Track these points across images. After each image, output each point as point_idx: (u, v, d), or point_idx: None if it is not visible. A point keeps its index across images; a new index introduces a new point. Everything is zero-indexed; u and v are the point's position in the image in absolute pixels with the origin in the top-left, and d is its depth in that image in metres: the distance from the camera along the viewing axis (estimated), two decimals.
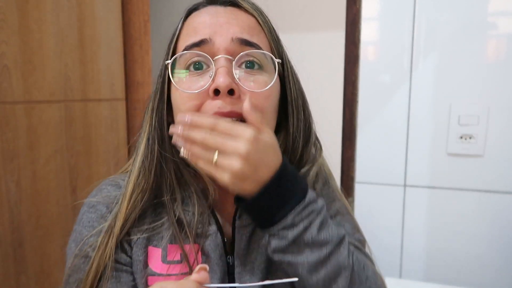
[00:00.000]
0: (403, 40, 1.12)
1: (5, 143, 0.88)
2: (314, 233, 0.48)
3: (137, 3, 1.25)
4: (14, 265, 0.91)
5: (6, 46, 0.87)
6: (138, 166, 0.54)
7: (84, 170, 1.11)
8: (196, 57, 0.52)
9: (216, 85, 0.48)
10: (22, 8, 0.91)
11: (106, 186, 0.59)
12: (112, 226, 0.53)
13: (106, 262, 0.52)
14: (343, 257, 0.50)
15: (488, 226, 1.09)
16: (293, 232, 0.48)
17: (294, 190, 0.49)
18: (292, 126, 0.57)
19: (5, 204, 0.89)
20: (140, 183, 0.54)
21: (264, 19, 0.56)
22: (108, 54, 1.19)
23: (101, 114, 1.17)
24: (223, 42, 0.51)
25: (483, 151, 1.08)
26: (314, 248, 0.48)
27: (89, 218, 0.56)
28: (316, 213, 0.49)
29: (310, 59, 1.28)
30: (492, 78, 1.05)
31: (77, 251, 0.55)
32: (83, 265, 0.54)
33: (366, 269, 0.54)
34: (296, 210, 0.48)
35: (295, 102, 0.57)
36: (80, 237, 0.55)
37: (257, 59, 0.52)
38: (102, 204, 0.56)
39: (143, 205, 0.54)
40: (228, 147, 0.45)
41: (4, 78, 0.88)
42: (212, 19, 0.53)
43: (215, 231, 0.55)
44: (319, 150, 0.62)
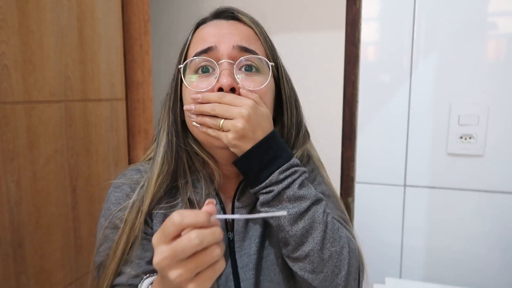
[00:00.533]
0: (403, 40, 1.12)
1: (5, 143, 0.88)
2: (295, 189, 0.59)
3: (137, 3, 1.25)
4: (14, 265, 0.91)
5: (6, 46, 0.87)
6: (161, 155, 0.65)
7: (84, 170, 1.11)
8: (203, 62, 0.62)
9: (220, 84, 0.60)
10: (22, 8, 0.91)
11: (129, 171, 0.71)
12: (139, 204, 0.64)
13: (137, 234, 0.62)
14: (318, 214, 0.59)
15: (488, 226, 1.09)
16: (278, 187, 0.58)
17: (281, 152, 0.60)
18: (287, 120, 0.69)
19: (5, 204, 0.89)
20: (164, 169, 0.64)
21: (260, 30, 0.67)
22: (108, 54, 1.19)
23: (101, 114, 1.17)
24: (226, 49, 0.62)
25: (483, 151, 1.08)
26: (294, 202, 0.59)
27: (116, 197, 0.67)
28: (299, 173, 0.60)
29: (310, 59, 1.28)
30: (492, 78, 1.05)
31: (106, 224, 0.65)
32: (111, 235, 0.64)
33: (340, 231, 0.62)
34: (281, 168, 0.59)
35: (288, 100, 0.69)
36: (109, 212, 0.66)
37: (254, 63, 0.63)
38: (127, 185, 0.68)
39: (166, 187, 0.65)
40: (233, 111, 0.57)
41: (4, 78, 0.88)
42: (217, 30, 0.64)
43: (219, 210, 0.66)
44: (307, 138, 0.73)
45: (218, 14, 0.68)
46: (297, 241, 0.59)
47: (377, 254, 1.20)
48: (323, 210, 0.60)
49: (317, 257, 0.58)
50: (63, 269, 1.05)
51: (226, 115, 0.58)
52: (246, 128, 0.57)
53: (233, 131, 0.57)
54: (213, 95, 0.59)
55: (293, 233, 0.58)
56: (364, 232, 1.20)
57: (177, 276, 0.43)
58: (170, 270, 0.44)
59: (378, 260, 1.20)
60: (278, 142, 0.60)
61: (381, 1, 1.13)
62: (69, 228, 1.07)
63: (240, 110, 0.57)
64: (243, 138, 0.57)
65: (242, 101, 0.58)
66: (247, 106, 0.57)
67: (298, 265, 0.60)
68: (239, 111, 0.57)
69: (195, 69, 0.63)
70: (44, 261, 0.99)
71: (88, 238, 1.14)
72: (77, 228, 1.10)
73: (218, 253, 0.45)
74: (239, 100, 0.58)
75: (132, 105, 1.30)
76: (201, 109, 0.60)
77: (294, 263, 0.61)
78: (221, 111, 0.58)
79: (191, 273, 0.44)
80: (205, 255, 0.44)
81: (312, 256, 0.58)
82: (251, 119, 0.57)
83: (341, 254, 0.60)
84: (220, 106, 0.58)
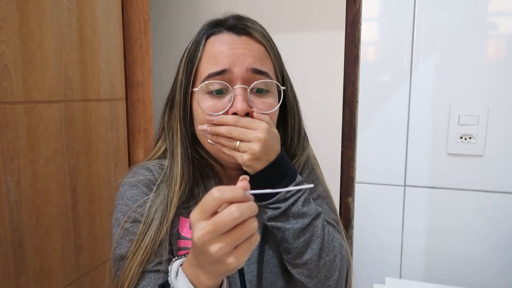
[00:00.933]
0: (403, 40, 1.12)
1: (5, 143, 0.88)
2: (299, 206, 0.64)
3: (137, 3, 1.25)
4: (14, 265, 0.91)
5: (6, 46, 0.87)
6: (180, 165, 0.69)
7: (84, 170, 1.11)
8: (217, 85, 0.65)
9: (235, 109, 0.64)
10: (22, 8, 0.91)
11: (140, 170, 0.73)
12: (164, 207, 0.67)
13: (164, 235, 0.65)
14: (318, 228, 0.65)
15: (488, 226, 1.09)
16: (284, 204, 0.63)
17: (288, 172, 0.65)
18: (290, 128, 0.74)
19: (5, 204, 0.89)
20: (184, 178, 0.69)
21: (271, 45, 0.70)
22: (108, 54, 1.19)
23: (101, 114, 1.17)
24: (240, 71, 0.65)
25: (483, 151, 1.08)
26: (298, 218, 0.64)
27: (132, 194, 0.70)
28: (303, 191, 0.65)
29: (310, 59, 1.28)
30: (492, 78, 1.05)
31: (126, 218, 0.68)
32: (132, 228, 0.67)
33: (335, 241, 0.69)
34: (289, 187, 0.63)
35: (292, 109, 0.74)
36: (127, 208, 0.68)
37: (266, 85, 0.67)
38: (142, 184, 0.71)
39: (188, 193, 0.69)
40: (250, 135, 0.62)
41: (4, 78, 0.88)
42: (230, 50, 0.66)
43: None
44: (306, 142, 0.78)
45: (230, 27, 0.68)
46: (298, 251, 0.65)
47: (377, 254, 1.20)
48: (322, 224, 0.67)
49: (314, 265, 0.65)
50: (63, 269, 1.05)
51: (242, 138, 0.62)
52: (262, 151, 0.61)
53: (250, 153, 0.61)
54: (229, 118, 0.63)
55: (295, 246, 0.65)
56: (364, 232, 1.20)
57: (218, 250, 0.46)
58: (211, 244, 0.46)
59: (378, 260, 1.20)
60: (286, 161, 0.66)
61: (381, 1, 1.13)
62: (69, 228, 1.07)
63: (257, 134, 0.61)
64: (257, 160, 0.62)
65: (257, 124, 0.63)
66: (263, 130, 0.62)
67: (296, 270, 0.67)
68: (256, 135, 0.61)
69: (207, 89, 0.66)
70: (44, 261, 0.99)
71: (88, 238, 1.14)
72: (77, 228, 1.10)
73: (255, 226, 0.47)
74: (255, 124, 0.63)
75: (132, 105, 1.30)
76: (217, 130, 0.64)
77: (293, 268, 0.67)
78: (238, 134, 0.62)
79: (231, 246, 0.46)
80: (243, 228, 0.46)
81: (309, 264, 0.65)
82: (266, 142, 0.62)
83: (334, 261, 0.67)
84: (236, 130, 0.62)
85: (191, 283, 0.52)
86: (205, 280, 0.51)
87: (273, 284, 0.71)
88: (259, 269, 0.70)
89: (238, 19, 0.69)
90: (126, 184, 0.72)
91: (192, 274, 0.53)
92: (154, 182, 0.71)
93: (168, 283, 0.55)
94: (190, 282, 0.52)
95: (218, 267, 0.48)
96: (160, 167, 0.73)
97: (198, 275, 0.52)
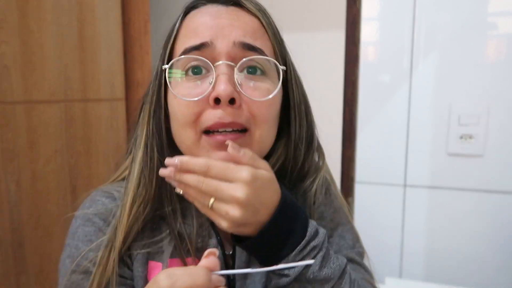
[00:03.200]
0: (403, 40, 1.12)
1: (5, 143, 0.88)
2: (316, 270, 0.46)
3: (137, 3, 1.25)
4: (14, 265, 0.91)
5: (6, 46, 0.87)
6: (136, 175, 0.51)
7: (84, 170, 1.11)
8: (195, 62, 0.49)
9: (217, 94, 0.46)
10: (22, 8, 0.91)
11: (100, 198, 0.56)
12: (112, 239, 0.51)
13: (109, 277, 0.49)
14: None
15: (488, 226, 1.09)
16: (294, 272, 0.45)
17: (294, 228, 0.46)
18: (294, 132, 0.55)
19: (5, 204, 0.89)
20: (141, 193, 0.51)
21: (268, 20, 0.53)
22: (108, 54, 1.19)
23: (101, 114, 1.17)
24: (225, 46, 0.48)
25: (483, 151, 1.08)
26: (316, 285, 0.46)
27: (85, 232, 0.53)
28: (318, 249, 0.47)
29: (310, 59, 1.28)
30: (492, 78, 1.05)
31: (74, 267, 0.51)
32: (82, 281, 0.51)
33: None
34: (297, 249, 0.45)
35: (297, 107, 0.55)
36: (77, 252, 0.52)
37: (260, 65, 0.50)
38: (99, 217, 0.54)
39: (145, 217, 0.51)
40: (225, 193, 0.42)
41: (4, 78, 0.88)
42: (214, 20, 0.49)
43: (215, 244, 0.53)
44: (322, 159, 0.59)
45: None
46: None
47: (377, 254, 1.20)
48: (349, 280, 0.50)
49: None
50: None
51: (216, 195, 0.43)
52: (245, 216, 0.42)
53: (228, 220, 0.43)
54: (197, 164, 0.43)
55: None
56: (364, 232, 1.20)
57: None
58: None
59: (378, 260, 1.20)
60: (289, 213, 0.46)
61: (381, 1, 1.13)
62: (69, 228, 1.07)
63: (234, 192, 0.42)
64: (242, 226, 0.44)
65: (235, 174, 0.42)
66: (242, 185, 0.42)
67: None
68: (233, 194, 0.42)
69: (183, 68, 0.49)
70: (44, 261, 0.99)
71: None
72: None
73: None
74: (232, 173, 0.42)
75: (132, 105, 1.30)
76: (183, 179, 0.43)
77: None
78: (209, 189, 0.43)
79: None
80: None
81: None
82: (250, 203, 0.42)
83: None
84: (207, 183, 0.43)
85: None
86: None
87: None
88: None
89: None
90: (80, 218, 0.55)
91: None
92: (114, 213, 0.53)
93: None
94: None
95: None
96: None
97: None
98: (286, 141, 0.55)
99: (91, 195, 0.57)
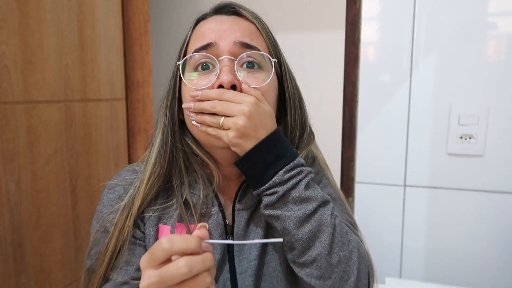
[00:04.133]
0: (403, 40, 1.12)
1: (5, 143, 0.88)
2: (301, 190, 0.55)
3: (137, 3, 1.25)
4: (14, 265, 0.91)
5: (6, 46, 0.87)
6: (154, 155, 0.63)
7: (84, 170, 1.11)
8: (203, 59, 0.60)
9: (220, 81, 0.57)
10: (22, 8, 0.91)
11: (124, 172, 0.68)
12: (130, 206, 0.61)
13: (125, 238, 0.60)
14: (326, 216, 0.56)
15: (488, 226, 1.09)
16: (282, 188, 0.55)
17: (285, 152, 0.56)
18: (291, 119, 0.66)
19: (5, 204, 0.89)
20: (156, 169, 0.62)
21: (263, 25, 0.65)
22: (108, 54, 1.19)
23: (101, 114, 1.17)
24: (227, 45, 0.59)
25: (483, 151, 1.08)
26: (300, 204, 0.55)
27: (108, 198, 0.65)
28: (304, 173, 0.56)
29: (310, 59, 1.28)
30: (492, 78, 1.05)
31: (98, 227, 0.63)
32: (102, 239, 0.62)
33: (349, 235, 0.58)
34: (286, 168, 0.55)
35: (292, 98, 0.66)
36: (101, 215, 0.63)
37: (256, 60, 0.60)
38: (120, 186, 0.65)
39: (158, 188, 0.62)
40: (234, 109, 0.54)
41: (4, 78, 0.87)
42: (217, 25, 0.61)
43: (217, 211, 0.63)
44: (311, 138, 0.70)
45: (219, 9, 0.66)
46: (304, 245, 0.55)
47: (377, 254, 1.20)
48: (331, 212, 0.57)
49: (325, 262, 0.54)
50: (63, 269, 1.05)
51: (226, 112, 0.55)
52: (248, 126, 0.53)
53: (234, 129, 0.54)
54: (213, 92, 0.56)
55: (299, 237, 0.54)
56: (364, 232, 1.20)
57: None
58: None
59: (378, 260, 1.20)
60: (282, 141, 0.57)
61: (381, 1, 1.13)
62: (69, 228, 1.07)
63: (241, 107, 0.54)
64: (244, 137, 0.54)
65: (243, 98, 0.55)
66: (248, 103, 0.54)
67: (305, 271, 0.56)
68: (240, 108, 0.54)
69: (194, 66, 0.61)
70: (44, 261, 0.99)
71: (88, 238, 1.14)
72: (77, 228, 1.10)
73: (208, 281, 0.44)
74: (240, 97, 0.55)
75: (132, 105, 1.30)
76: (200, 106, 0.57)
77: (300, 269, 0.57)
78: (221, 108, 0.55)
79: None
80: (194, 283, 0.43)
81: (320, 261, 0.54)
82: (252, 117, 0.54)
83: (350, 259, 0.56)
84: (220, 103, 0.55)
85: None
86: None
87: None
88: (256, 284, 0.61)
89: (227, 4, 0.66)
90: (106, 188, 0.67)
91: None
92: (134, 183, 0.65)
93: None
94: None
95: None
96: None
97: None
98: (284, 127, 0.66)
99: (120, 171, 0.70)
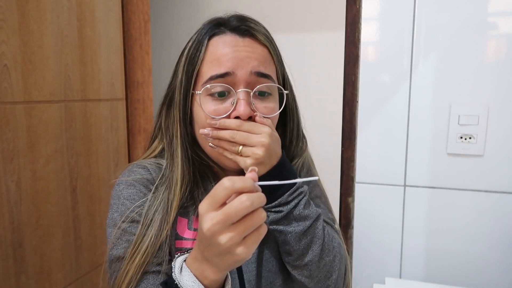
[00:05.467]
0: (403, 40, 1.12)
1: (5, 143, 0.88)
2: (301, 209, 0.64)
3: (137, 3, 1.25)
4: (14, 265, 0.91)
5: (6, 46, 0.87)
6: (181, 167, 0.68)
7: (84, 170, 1.11)
8: (220, 88, 0.64)
9: (239, 113, 0.63)
10: (22, 8, 0.91)
11: (137, 169, 0.72)
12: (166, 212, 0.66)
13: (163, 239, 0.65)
14: (318, 230, 0.66)
15: (488, 226, 1.09)
16: (286, 208, 0.63)
17: (289, 175, 0.65)
18: (289, 131, 0.75)
19: (5, 204, 0.89)
20: (185, 180, 0.68)
21: (274, 48, 0.69)
22: (108, 54, 1.19)
23: (101, 114, 1.17)
24: (244, 74, 0.64)
25: (483, 151, 1.08)
26: (300, 221, 0.64)
27: (129, 193, 0.69)
28: (303, 194, 0.65)
29: (310, 59, 1.28)
30: (492, 78, 1.05)
31: (123, 218, 0.66)
32: (129, 228, 0.66)
33: (334, 241, 0.69)
34: (290, 191, 0.64)
35: (291, 113, 0.74)
36: (124, 207, 0.67)
37: (268, 89, 0.67)
38: (139, 184, 0.70)
39: (187, 195, 0.69)
40: (254, 139, 0.62)
41: (4, 78, 0.88)
42: (234, 53, 0.64)
43: None
44: (305, 145, 0.79)
45: (234, 28, 0.67)
46: (299, 253, 0.65)
47: (377, 254, 1.20)
48: (322, 226, 0.67)
49: (315, 266, 0.66)
50: (63, 269, 1.05)
51: (246, 142, 0.62)
52: (265, 156, 0.61)
53: (253, 158, 0.61)
54: (232, 122, 0.63)
55: (297, 248, 0.65)
56: (364, 232, 1.20)
57: (227, 240, 0.46)
58: (220, 234, 0.46)
59: (378, 260, 1.20)
60: (287, 165, 0.66)
61: (381, 1, 1.13)
62: (69, 228, 1.07)
63: (260, 139, 0.61)
64: (261, 165, 0.62)
65: (260, 128, 0.62)
66: (265, 134, 0.62)
67: (297, 271, 0.67)
68: (260, 140, 0.61)
69: (210, 92, 0.65)
70: (44, 261, 0.99)
71: (88, 238, 1.14)
72: (77, 228, 1.10)
73: (264, 216, 0.47)
74: (258, 128, 0.62)
75: (132, 105, 1.30)
76: (220, 135, 0.64)
77: (293, 269, 0.68)
78: (241, 139, 0.62)
79: (240, 236, 0.46)
80: (253, 218, 0.46)
81: (311, 265, 0.66)
82: (270, 147, 0.61)
83: (333, 261, 0.68)
84: (239, 134, 0.62)
85: (196, 278, 0.52)
86: (211, 274, 0.51)
87: (272, 283, 0.71)
88: (258, 269, 0.70)
89: (241, 19, 0.68)
90: (123, 183, 0.70)
91: (197, 269, 0.52)
92: (151, 181, 0.70)
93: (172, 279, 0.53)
94: (195, 277, 0.52)
95: (226, 258, 0.48)
96: (157, 166, 0.72)
97: (204, 269, 0.51)
98: (282, 135, 0.71)
99: (128, 168, 0.74)
